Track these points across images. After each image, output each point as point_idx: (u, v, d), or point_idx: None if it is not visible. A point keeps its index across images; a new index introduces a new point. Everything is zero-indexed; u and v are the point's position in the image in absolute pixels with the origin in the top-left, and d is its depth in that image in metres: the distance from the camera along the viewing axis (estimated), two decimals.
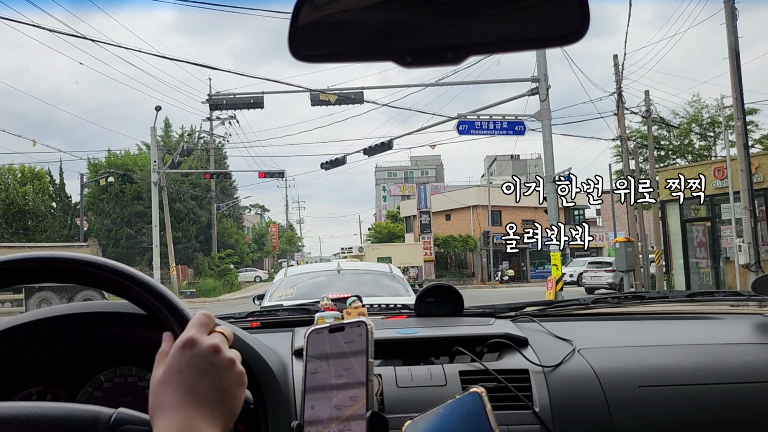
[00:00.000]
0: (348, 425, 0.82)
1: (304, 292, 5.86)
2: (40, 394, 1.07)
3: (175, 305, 0.86)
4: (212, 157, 37.39)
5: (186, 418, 0.67)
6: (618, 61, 20.62)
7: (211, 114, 34.20)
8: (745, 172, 13.84)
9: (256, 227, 59.89)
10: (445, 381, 1.23)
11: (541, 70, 14.18)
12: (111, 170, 31.08)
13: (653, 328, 1.64)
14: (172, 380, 0.70)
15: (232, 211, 43.57)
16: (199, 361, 0.71)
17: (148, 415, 0.73)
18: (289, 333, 1.47)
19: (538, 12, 0.81)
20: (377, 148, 17.56)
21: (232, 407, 0.73)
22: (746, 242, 13.93)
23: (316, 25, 0.81)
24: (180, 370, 0.71)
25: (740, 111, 14.01)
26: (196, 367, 0.71)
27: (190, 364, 0.71)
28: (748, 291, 1.77)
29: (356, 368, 0.85)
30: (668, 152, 29.20)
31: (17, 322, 1.01)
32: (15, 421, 0.73)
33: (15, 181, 32.31)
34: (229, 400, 0.72)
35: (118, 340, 1.07)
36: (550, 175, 14.72)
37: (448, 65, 0.83)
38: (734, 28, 13.48)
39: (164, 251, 25.88)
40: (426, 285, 1.81)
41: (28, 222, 30.25)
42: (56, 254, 0.84)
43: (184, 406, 0.68)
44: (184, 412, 0.68)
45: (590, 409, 1.20)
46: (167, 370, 0.72)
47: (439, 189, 47.64)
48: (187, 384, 0.70)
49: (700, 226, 19.20)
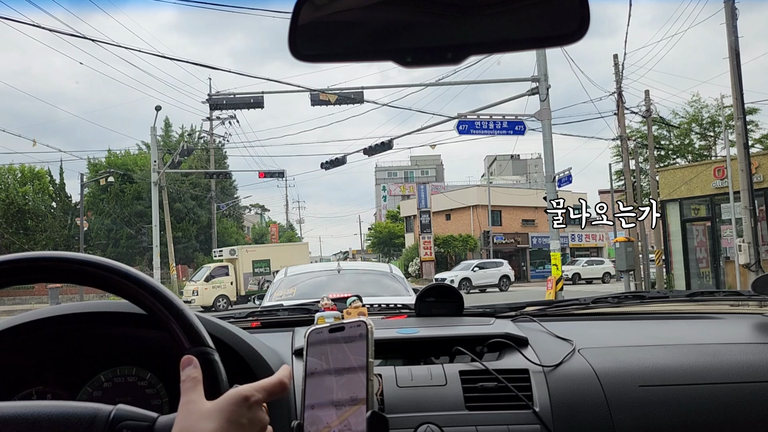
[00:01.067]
0: (348, 425, 0.82)
1: (304, 292, 5.89)
2: (40, 393, 1.07)
3: (173, 304, 0.85)
4: (212, 157, 37.38)
5: None
6: (618, 60, 20.64)
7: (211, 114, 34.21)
8: (745, 171, 13.82)
9: (256, 227, 59.88)
10: (445, 381, 1.23)
11: (541, 70, 14.17)
12: (111, 170, 31.06)
13: (653, 327, 1.64)
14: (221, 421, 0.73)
15: (232, 210, 43.55)
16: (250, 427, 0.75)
17: (147, 411, 0.73)
18: (289, 333, 1.47)
19: (538, 12, 0.81)
20: (377, 148, 17.57)
21: None
22: (746, 242, 13.92)
23: (316, 25, 0.81)
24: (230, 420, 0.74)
25: (740, 110, 13.98)
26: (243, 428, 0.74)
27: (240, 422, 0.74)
28: (748, 291, 1.77)
29: (356, 368, 0.84)
30: (668, 152, 29.22)
31: (17, 321, 1.01)
32: (14, 420, 0.72)
33: (15, 180, 32.33)
34: None
35: (118, 340, 1.07)
36: (550, 174, 14.71)
37: (448, 65, 0.83)
38: (734, 28, 13.45)
39: (164, 251, 25.86)
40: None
41: (28, 222, 30.27)
42: (55, 254, 0.84)
43: None
44: None
45: (590, 409, 1.20)
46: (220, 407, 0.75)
47: (439, 189, 47.64)
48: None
49: (700, 226, 19.18)
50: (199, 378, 0.78)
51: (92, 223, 33.40)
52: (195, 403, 0.75)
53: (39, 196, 32.51)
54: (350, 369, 0.85)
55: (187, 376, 0.78)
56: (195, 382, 0.77)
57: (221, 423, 0.73)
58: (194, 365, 0.79)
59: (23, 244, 28.42)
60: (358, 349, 0.85)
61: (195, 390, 0.77)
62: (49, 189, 33.40)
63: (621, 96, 20.66)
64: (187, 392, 0.76)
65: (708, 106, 28.21)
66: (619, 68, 20.54)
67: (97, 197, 33.69)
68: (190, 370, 0.79)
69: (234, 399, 0.76)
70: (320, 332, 0.91)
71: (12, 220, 29.76)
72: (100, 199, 33.52)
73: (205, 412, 0.75)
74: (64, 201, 33.72)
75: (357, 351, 0.85)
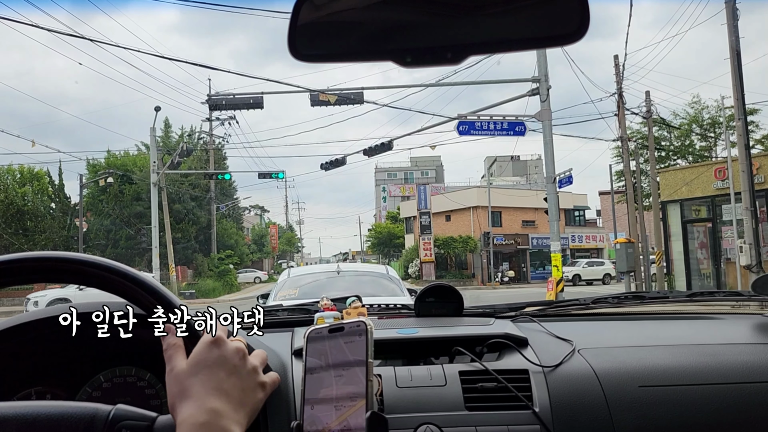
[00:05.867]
0: (347, 425, 0.82)
1: (306, 292, 6.15)
2: (39, 394, 1.06)
3: (171, 302, 0.86)
4: (212, 157, 37.37)
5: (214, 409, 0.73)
6: (619, 61, 20.60)
7: (211, 114, 34.20)
8: (746, 172, 13.77)
9: (256, 228, 59.85)
10: (444, 381, 1.23)
11: (542, 71, 14.13)
12: (110, 170, 31.02)
13: (653, 328, 1.64)
14: (200, 373, 0.76)
15: (232, 211, 43.53)
16: (227, 361, 0.78)
17: (146, 411, 0.73)
18: (289, 333, 1.47)
19: (537, 12, 0.81)
20: (377, 149, 17.55)
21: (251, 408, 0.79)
22: (747, 243, 13.87)
23: (316, 25, 0.81)
24: (208, 366, 0.77)
25: (741, 111, 13.93)
26: (223, 366, 0.77)
27: (218, 362, 0.77)
28: (749, 291, 1.77)
29: (356, 368, 0.84)
30: (669, 153, 29.20)
31: (17, 322, 1.01)
32: (13, 420, 0.72)
33: (14, 181, 32.29)
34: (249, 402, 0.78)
35: (117, 341, 1.07)
36: (550, 175, 14.65)
37: (448, 65, 0.83)
38: (735, 28, 13.42)
39: (163, 252, 25.84)
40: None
41: (27, 222, 30.22)
42: (54, 254, 0.84)
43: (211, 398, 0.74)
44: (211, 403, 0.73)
45: (590, 410, 1.20)
46: (195, 363, 0.78)
47: (439, 190, 47.62)
48: (215, 380, 0.76)
49: (700, 227, 19.12)
50: (179, 344, 0.81)
51: (91, 224, 33.37)
52: (179, 366, 0.78)
53: (38, 196, 32.45)
54: (350, 369, 0.85)
55: (168, 344, 0.81)
56: (176, 349, 0.80)
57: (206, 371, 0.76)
58: (172, 333, 0.82)
59: (22, 244, 28.39)
60: (358, 350, 0.85)
61: (177, 356, 0.80)
62: (48, 190, 33.36)
63: (621, 97, 20.64)
64: (170, 360, 0.79)
65: (708, 107, 28.24)
66: (619, 69, 20.51)
67: (96, 198, 33.65)
68: (170, 338, 0.82)
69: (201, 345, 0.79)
70: (320, 332, 0.91)
71: (11, 221, 29.72)
72: (99, 199, 33.47)
73: (189, 369, 0.77)
74: (63, 202, 33.69)
75: (356, 351, 0.85)
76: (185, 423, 0.72)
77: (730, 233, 16.74)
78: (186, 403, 0.74)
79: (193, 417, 0.71)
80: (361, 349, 0.85)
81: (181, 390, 0.75)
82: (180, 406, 0.74)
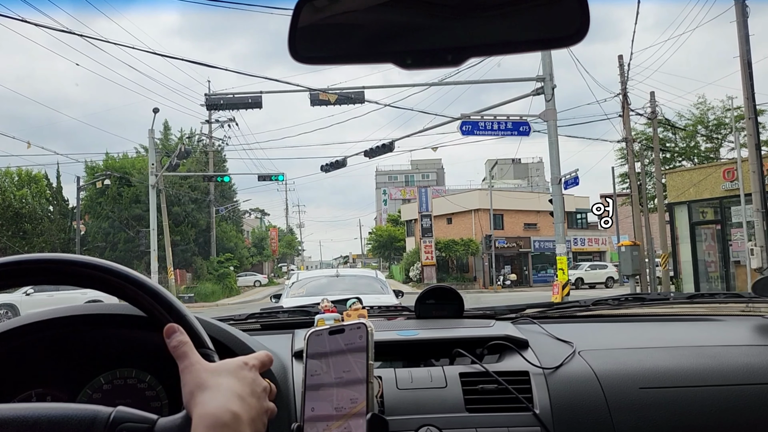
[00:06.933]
0: (348, 427, 0.82)
1: (311, 292, 7.81)
2: (39, 396, 1.06)
3: (171, 304, 0.86)
4: (211, 159, 37.34)
5: (236, 413, 0.72)
6: (623, 61, 20.41)
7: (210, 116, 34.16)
8: (756, 173, 13.21)
9: (256, 231, 59.79)
10: (445, 383, 1.23)
11: (547, 69, 13.82)
12: (108, 173, 30.96)
13: (654, 329, 1.64)
14: (223, 375, 0.76)
15: (232, 214, 43.49)
16: (255, 387, 0.78)
17: (147, 413, 0.73)
18: (289, 335, 1.47)
19: (537, 14, 0.81)
20: (378, 150, 17.46)
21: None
22: (758, 245, 13.39)
23: (316, 27, 0.81)
24: (238, 378, 0.77)
25: (752, 110, 13.32)
26: (250, 387, 0.77)
27: (247, 381, 0.77)
28: (749, 293, 1.77)
29: (356, 370, 0.84)
30: (674, 154, 29.06)
31: (17, 323, 1.01)
32: (13, 422, 0.72)
33: (12, 184, 32.28)
34: (258, 425, 0.77)
35: (118, 342, 1.07)
36: (555, 176, 14.36)
37: (448, 67, 0.83)
38: (745, 24, 12.91)
39: (162, 255, 25.79)
40: None
41: (25, 225, 30.13)
42: (53, 256, 0.84)
43: (234, 401, 0.73)
44: (234, 407, 0.73)
45: (591, 411, 1.20)
46: (219, 365, 0.78)
47: (441, 192, 47.59)
48: (238, 387, 0.76)
49: (709, 229, 18.67)
50: (191, 342, 0.80)
51: (89, 226, 33.29)
52: (199, 362, 0.78)
53: (36, 199, 32.41)
54: (350, 371, 0.85)
55: (178, 341, 0.80)
56: (189, 346, 0.80)
57: (231, 378, 0.76)
58: (180, 331, 0.81)
59: (20, 247, 28.34)
60: (358, 351, 0.85)
61: (192, 352, 0.79)
62: (46, 192, 33.32)
63: (626, 97, 20.45)
64: (185, 356, 0.78)
65: (714, 108, 28.04)
66: (624, 69, 20.32)
67: (94, 201, 33.56)
68: (178, 335, 0.81)
69: (234, 361, 0.79)
70: (320, 334, 0.91)
71: (9, 224, 29.60)
72: (98, 202, 33.38)
73: (212, 369, 0.77)
74: (61, 204, 33.65)
75: (357, 353, 0.86)
76: (207, 416, 0.70)
77: (740, 235, 16.29)
78: (208, 395, 0.73)
79: (215, 415, 0.71)
80: (362, 351, 0.85)
81: (201, 383, 0.74)
82: (201, 397, 0.73)
